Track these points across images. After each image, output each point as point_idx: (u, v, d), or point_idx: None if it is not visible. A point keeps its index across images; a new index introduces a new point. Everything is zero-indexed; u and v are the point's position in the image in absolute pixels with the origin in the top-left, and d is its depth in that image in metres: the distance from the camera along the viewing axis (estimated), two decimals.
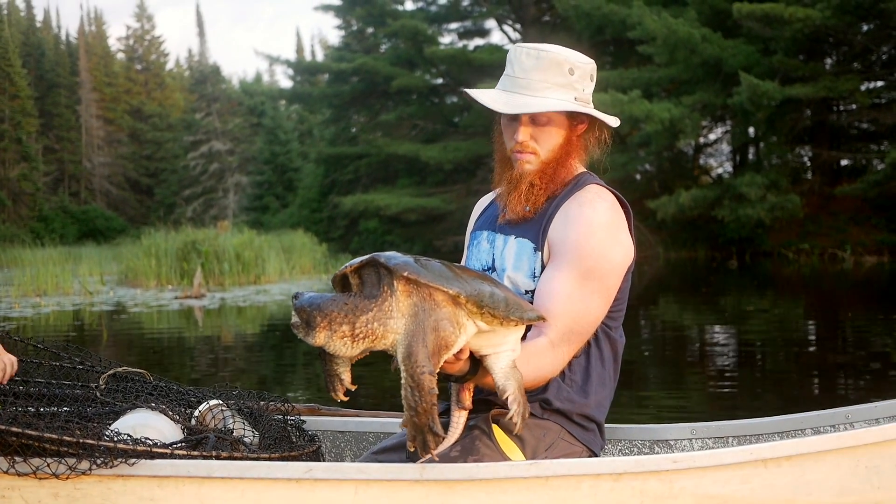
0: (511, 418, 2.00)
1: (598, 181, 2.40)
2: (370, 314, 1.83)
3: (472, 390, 2.10)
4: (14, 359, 2.45)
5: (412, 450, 1.87)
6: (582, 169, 2.44)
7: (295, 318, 1.86)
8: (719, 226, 26.12)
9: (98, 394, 2.47)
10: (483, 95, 2.35)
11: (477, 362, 2.01)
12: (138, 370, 2.72)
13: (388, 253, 1.90)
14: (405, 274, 1.84)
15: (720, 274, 20.47)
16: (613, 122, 2.41)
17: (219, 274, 19.06)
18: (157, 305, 14.12)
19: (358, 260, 1.92)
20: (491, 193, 2.62)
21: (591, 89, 2.38)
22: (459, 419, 2.09)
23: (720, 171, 32.75)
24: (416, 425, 1.82)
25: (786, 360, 7.51)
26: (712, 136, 31.88)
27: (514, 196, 2.38)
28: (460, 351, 1.91)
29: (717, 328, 10.16)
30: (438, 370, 1.86)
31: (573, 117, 2.37)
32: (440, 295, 1.85)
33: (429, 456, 1.87)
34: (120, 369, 2.69)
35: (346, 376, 1.99)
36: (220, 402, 2.50)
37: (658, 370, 7.29)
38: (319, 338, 1.83)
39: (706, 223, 26.74)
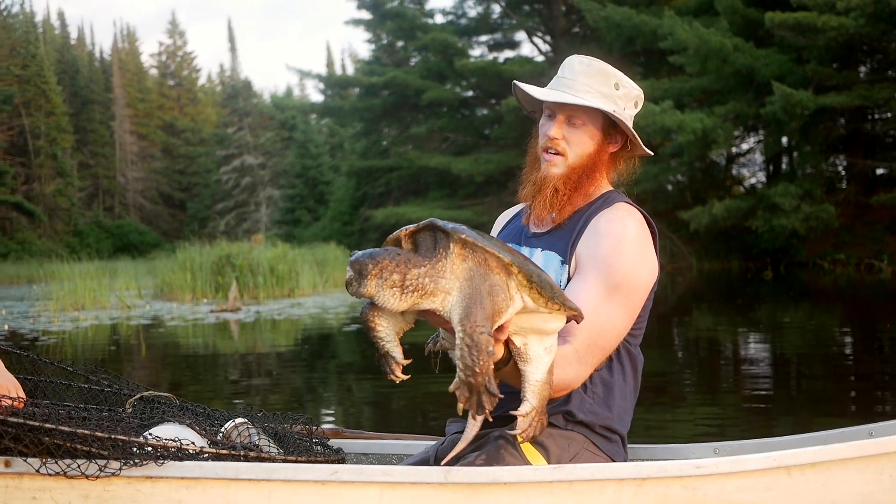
0: (517, 434, 2.00)
1: (627, 199, 2.43)
2: (423, 269, 1.83)
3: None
4: (16, 381, 2.49)
5: (462, 412, 1.86)
6: (608, 187, 2.47)
7: (349, 273, 1.86)
8: (753, 236, 25.94)
9: (125, 416, 2.51)
10: (529, 87, 2.43)
11: (511, 355, 2.00)
12: (165, 394, 2.76)
13: (444, 220, 1.91)
14: (463, 236, 1.84)
15: (755, 285, 20.31)
16: (648, 151, 2.45)
17: (253, 287, 19.18)
18: (193, 319, 14.22)
19: (414, 225, 1.93)
20: (515, 207, 2.66)
21: (633, 114, 2.42)
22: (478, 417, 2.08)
23: (753, 181, 32.55)
24: (471, 386, 1.79)
25: (822, 374, 7.41)
26: (745, 146, 31.71)
27: (538, 201, 2.41)
28: (499, 329, 1.89)
29: (751, 340, 10.07)
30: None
31: (607, 133, 2.41)
32: (494, 261, 1.85)
33: (482, 417, 1.87)
34: (147, 392, 2.73)
35: (397, 351, 1.95)
36: (246, 420, 2.53)
37: (691, 383, 7.23)
38: (370, 286, 1.83)
39: (739, 234, 26.57)
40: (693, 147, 25.09)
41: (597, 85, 2.36)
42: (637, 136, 2.41)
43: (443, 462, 2.09)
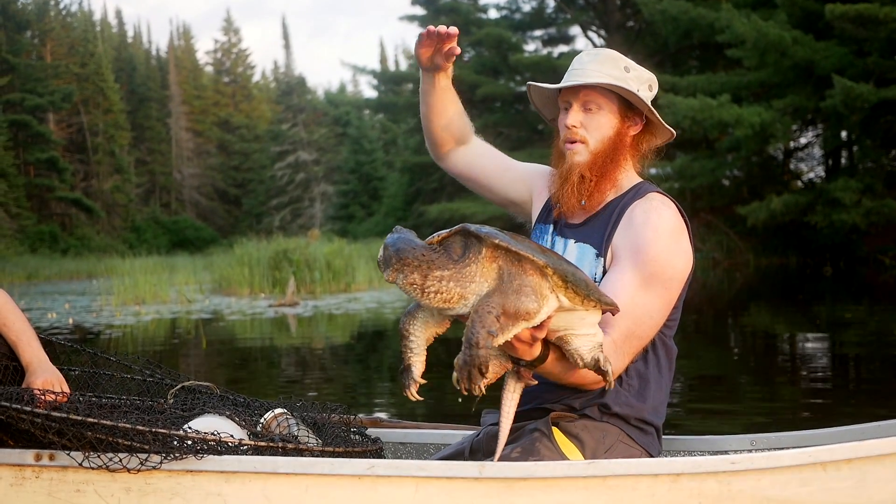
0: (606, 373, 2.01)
1: (659, 190, 2.43)
2: (446, 272, 1.85)
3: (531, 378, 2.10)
4: (59, 374, 2.55)
5: (458, 387, 1.86)
6: (638, 178, 2.47)
7: (380, 253, 1.89)
8: (812, 231, 25.55)
9: (166, 407, 2.56)
10: (543, 85, 2.49)
11: (548, 352, 2.02)
12: (206, 383, 2.81)
13: (477, 224, 1.92)
14: (496, 241, 1.85)
15: (814, 281, 19.98)
16: (669, 129, 2.44)
17: (310, 282, 19.31)
18: (252, 313, 14.37)
19: (446, 230, 1.94)
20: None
21: (648, 97, 2.42)
22: (513, 401, 2.08)
23: (811, 175, 32.03)
24: (466, 359, 1.81)
25: (882, 371, 7.29)
26: (803, 140, 31.21)
27: (566, 189, 2.41)
28: (539, 328, 1.90)
29: (810, 336, 9.90)
30: (509, 337, 1.85)
31: (626, 115, 2.41)
32: (528, 263, 1.86)
33: (472, 392, 1.87)
34: (188, 382, 2.78)
35: (418, 366, 2.00)
36: (285, 410, 2.56)
37: (747, 377, 7.16)
38: (391, 276, 1.86)
39: (797, 229, 26.19)
40: (751, 141, 24.78)
41: (606, 69, 2.37)
42: (655, 113, 2.40)
43: (495, 461, 2.10)
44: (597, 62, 2.39)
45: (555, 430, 2.23)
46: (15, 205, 46.80)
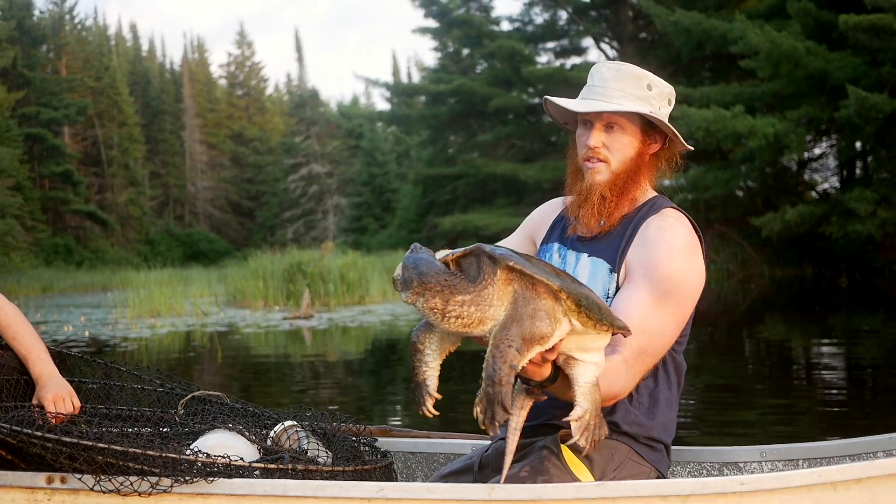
0: (576, 441, 2.00)
1: (673, 205, 2.42)
2: (467, 297, 1.84)
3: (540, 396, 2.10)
4: (70, 387, 2.56)
5: (483, 427, 1.86)
6: (653, 192, 2.46)
7: (398, 272, 1.89)
8: (827, 242, 25.44)
9: (177, 418, 2.57)
10: (561, 100, 2.43)
11: (558, 372, 2.02)
12: (216, 393, 2.82)
13: (491, 245, 1.92)
14: (510, 263, 1.85)
15: (830, 292, 19.88)
16: (688, 146, 2.43)
17: (324, 295, 19.34)
18: (267, 326, 14.41)
19: (461, 249, 1.93)
20: (559, 199, 2.65)
21: (667, 112, 2.41)
22: (521, 417, 2.07)
23: (826, 186, 31.89)
24: (489, 396, 1.81)
25: None
26: (817, 151, 31.08)
27: (586, 209, 2.40)
28: (550, 350, 1.90)
29: (826, 348, 9.86)
30: (524, 363, 1.85)
31: (647, 134, 2.40)
32: (542, 287, 1.86)
33: (493, 433, 1.86)
34: (198, 392, 2.79)
35: (433, 381, 1.98)
36: (295, 423, 2.56)
37: (763, 389, 7.13)
38: (410, 298, 1.86)
39: (812, 240, 26.08)
40: (765, 152, 24.71)
41: (630, 88, 2.35)
42: (677, 133, 2.39)
43: (502, 481, 2.09)
44: (619, 80, 2.37)
45: (564, 448, 2.21)
46: (30, 218, 47.04)
